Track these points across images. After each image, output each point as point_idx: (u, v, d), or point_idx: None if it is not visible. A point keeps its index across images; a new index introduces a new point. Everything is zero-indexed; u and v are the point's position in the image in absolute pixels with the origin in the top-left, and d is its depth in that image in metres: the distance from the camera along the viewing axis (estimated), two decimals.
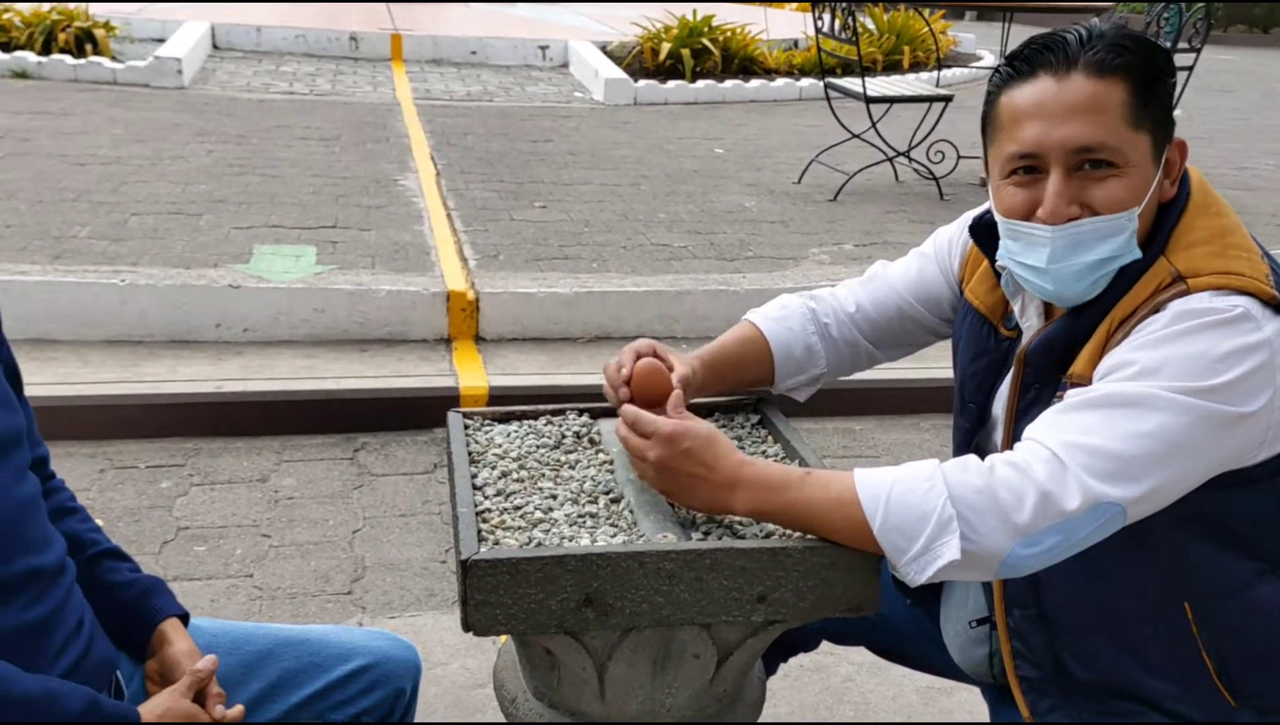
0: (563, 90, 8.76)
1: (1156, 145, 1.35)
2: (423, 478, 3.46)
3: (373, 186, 5.56)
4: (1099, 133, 1.31)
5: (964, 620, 1.63)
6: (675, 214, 5.48)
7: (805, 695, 2.56)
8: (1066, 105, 1.32)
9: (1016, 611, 1.49)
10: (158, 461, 3.44)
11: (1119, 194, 1.33)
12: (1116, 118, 1.31)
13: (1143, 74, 1.32)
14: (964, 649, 1.64)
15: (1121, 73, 1.32)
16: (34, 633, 1.37)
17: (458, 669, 2.59)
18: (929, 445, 3.81)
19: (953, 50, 11.36)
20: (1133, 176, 1.33)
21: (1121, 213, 1.33)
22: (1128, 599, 1.42)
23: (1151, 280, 1.33)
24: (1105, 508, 1.23)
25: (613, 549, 1.27)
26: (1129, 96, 1.32)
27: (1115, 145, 1.32)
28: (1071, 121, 1.32)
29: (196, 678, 1.45)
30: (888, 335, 1.74)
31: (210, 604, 2.78)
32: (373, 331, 4.13)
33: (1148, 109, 1.33)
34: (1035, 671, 1.50)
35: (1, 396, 1.42)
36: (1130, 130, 1.32)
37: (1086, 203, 1.34)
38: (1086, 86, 1.31)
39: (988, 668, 1.61)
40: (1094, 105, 1.31)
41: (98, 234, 4.48)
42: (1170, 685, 1.43)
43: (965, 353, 1.61)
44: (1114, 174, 1.33)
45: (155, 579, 1.60)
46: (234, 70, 8.46)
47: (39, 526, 1.43)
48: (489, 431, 1.62)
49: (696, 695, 1.41)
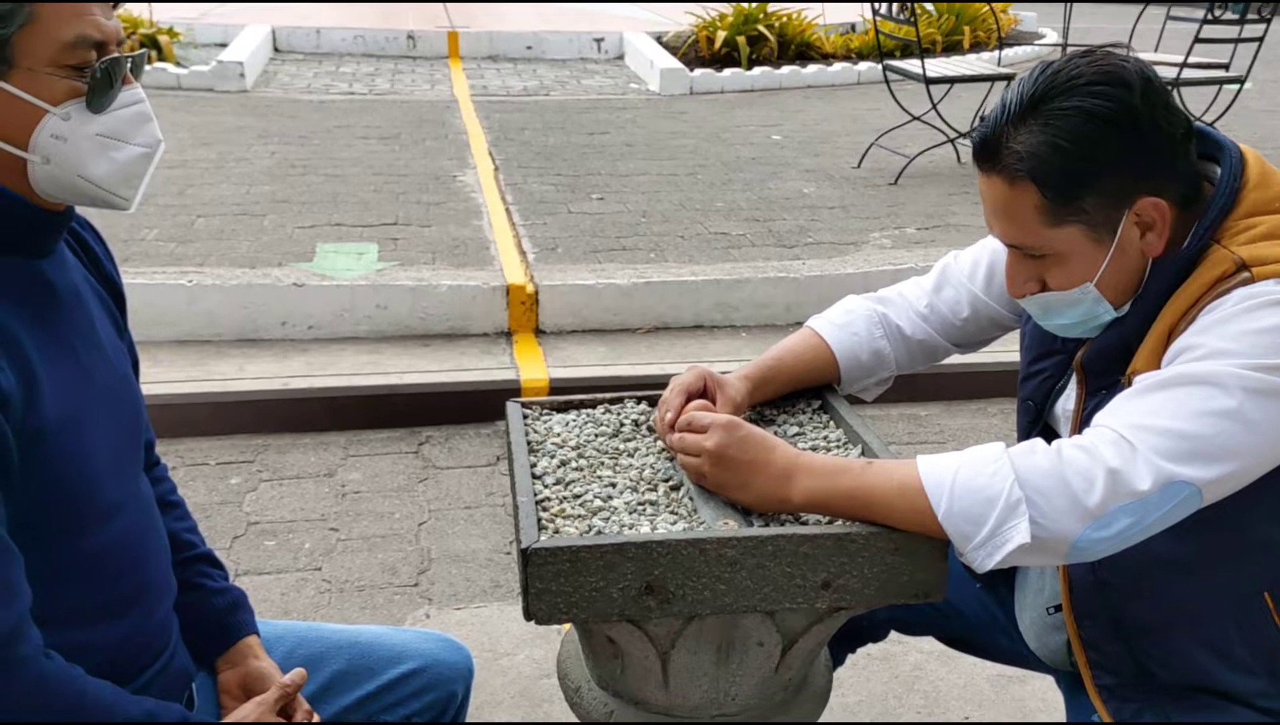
0: (618, 82, 8.76)
1: (1098, 225, 1.31)
2: (486, 470, 3.48)
3: (432, 183, 5.60)
4: (1019, 234, 1.34)
5: (1040, 607, 1.59)
6: (733, 202, 5.45)
7: (874, 684, 2.53)
8: (991, 205, 1.35)
9: (1087, 622, 1.46)
10: (227, 458, 3.50)
11: (1061, 277, 1.35)
12: (1030, 221, 1.32)
13: (1057, 175, 1.27)
14: (1040, 636, 1.61)
15: (1030, 178, 1.29)
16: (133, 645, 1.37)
17: (524, 659, 2.60)
18: (997, 430, 3.75)
19: (1014, 29, 11.16)
20: (1069, 262, 1.34)
21: (1074, 288, 1.35)
22: (1205, 595, 1.38)
23: (1211, 270, 1.29)
24: (1178, 488, 1.19)
25: (673, 536, 1.26)
26: (1040, 199, 1.29)
27: (1034, 244, 1.34)
28: (997, 220, 1.36)
29: (284, 691, 1.44)
30: (962, 333, 1.69)
31: (280, 598, 2.82)
32: (434, 326, 4.16)
33: (1071, 203, 1.29)
34: (1114, 679, 1.46)
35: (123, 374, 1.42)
36: (1047, 228, 1.31)
37: (1040, 278, 1.37)
38: (1001, 191, 1.33)
39: (1065, 656, 1.57)
40: (1009, 210, 1.33)
41: (165, 236, 4.57)
42: (1258, 682, 1.39)
43: (1028, 352, 1.58)
44: (1055, 261, 1.34)
45: (242, 592, 1.59)
46: (295, 72, 8.57)
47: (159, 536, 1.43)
48: (548, 421, 1.61)
49: (762, 683, 1.40)
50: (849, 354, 1.65)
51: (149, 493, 1.45)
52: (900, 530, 1.28)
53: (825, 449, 1.54)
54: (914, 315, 1.68)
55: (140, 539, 1.38)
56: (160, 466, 1.60)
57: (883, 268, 4.39)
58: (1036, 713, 2.45)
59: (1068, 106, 1.26)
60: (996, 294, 1.64)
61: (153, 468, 1.56)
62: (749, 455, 1.31)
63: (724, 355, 4.06)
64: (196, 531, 1.60)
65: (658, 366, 3.95)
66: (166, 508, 1.55)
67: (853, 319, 1.68)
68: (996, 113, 1.32)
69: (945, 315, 1.68)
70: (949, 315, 1.67)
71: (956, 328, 1.68)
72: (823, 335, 1.66)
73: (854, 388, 1.70)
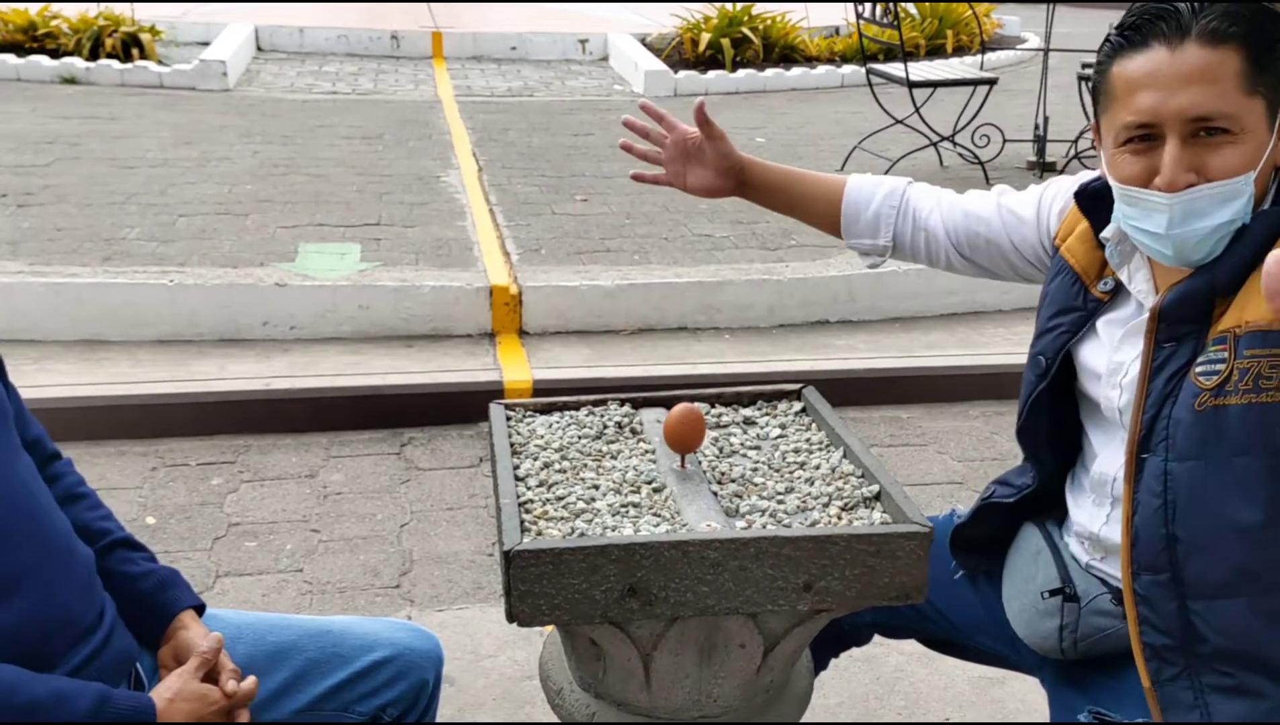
0: (603, 83, 8.76)
1: (1271, 110, 1.35)
2: (469, 471, 3.47)
3: (416, 184, 5.59)
4: (1214, 101, 1.33)
5: (1033, 593, 1.60)
6: (717, 204, 5.45)
7: (855, 685, 2.54)
8: (1181, 74, 1.34)
9: (1146, 576, 1.43)
10: (208, 459, 3.48)
11: (1233, 161, 1.35)
12: (1231, 86, 1.33)
13: (1257, 40, 1.32)
14: (1031, 623, 1.60)
15: (1235, 40, 1.32)
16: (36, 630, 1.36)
17: (506, 661, 2.60)
18: (978, 432, 3.77)
19: (997, 33, 11.20)
20: (1248, 142, 1.34)
21: (1238, 177, 1.35)
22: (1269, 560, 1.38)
23: None
24: None
25: (656, 538, 1.26)
26: (1243, 64, 1.32)
27: (1231, 112, 1.33)
28: (1187, 90, 1.33)
29: (204, 658, 1.45)
30: (970, 245, 1.74)
31: (262, 599, 2.81)
32: (417, 327, 4.15)
33: (1263, 75, 1.33)
34: (1162, 638, 1.44)
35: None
36: (1245, 97, 1.33)
37: (1202, 170, 1.36)
38: (1201, 55, 1.33)
39: (1056, 641, 1.58)
40: (1209, 74, 1.33)
41: (147, 235, 4.55)
42: None
43: (1049, 307, 1.59)
44: (1229, 141, 1.34)
45: (171, 570, 1.59)
46: (278, 71, 8.54)
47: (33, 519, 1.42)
48: (531, 422, 1.61)
49: (744, 685, 1.40)
50: (854, 202, 1.77)
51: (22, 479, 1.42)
52: (882, 534, 1.29)
53: (808, 450, 1.54)
54: (934, 199, 1.75)
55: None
56: (63, 460, 1.60)
57: (865, 271, 4.39)
58: (1016, 714, 2.46)
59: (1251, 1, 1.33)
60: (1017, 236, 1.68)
61: (51, 461, 1.56)
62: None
63: (707, 357, 4.07)
64: (111, 518, 1.60)
65: (641, 368, 3.96)
66: (74, 500, 1.56)
67: (881, 181, 1.79)
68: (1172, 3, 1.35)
69: (972, 217, 1.72)
70: (973, 216, 1.72)
71: (968, 234, 1.72)
72: (847, 181, 1.79)
73: (852, 242, 1.81)
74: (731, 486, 1.44)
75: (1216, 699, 1.40)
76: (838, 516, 1.37)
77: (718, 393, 1.70)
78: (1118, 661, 1.55)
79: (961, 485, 3.43)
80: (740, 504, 1.39)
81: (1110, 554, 1.54)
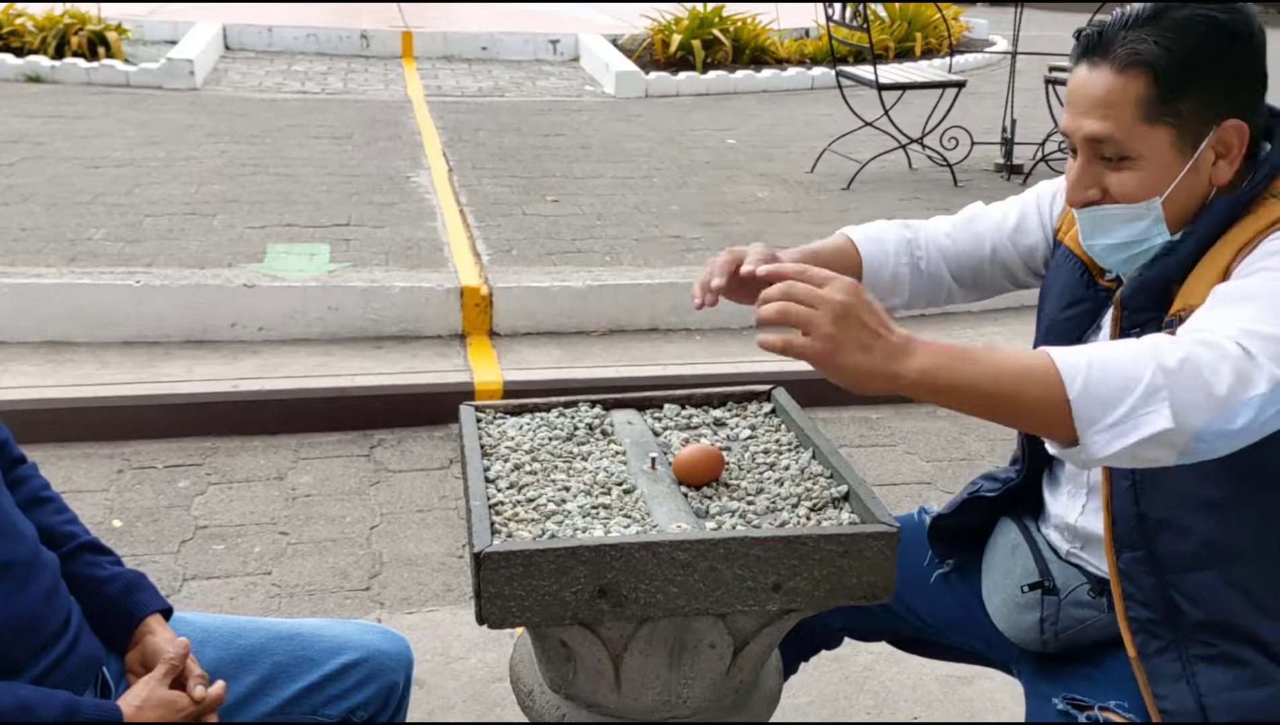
0: (574, 84, 8.75)
1: (1182, 137, 1.36)
2: (439, 473, 3.46)
3: (385, 184, 5.56)
4: (1108, 128, 1.36)
5: (1013, 587, 1.62)
6: (688, 205, 5.46)
7: (825, 684, 2.55)
8: (1088, 96, 1.37)
9: (1126, 554, 1.47)
10: (175, 461, 3.45)
11: (1129, 185, 1.38)
12: (1128, 114, 1.34)
13: (1169, 68, 1.32)
14: (1012, 616, 1.63)
15: (1144, 67, 1.33)
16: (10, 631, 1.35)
17: (476, 663, 2.59)
18: (947, 432, 3.79)
19: (965, 36, 11.28)
20: (1147, 170, 1.36)
21: (1138, 202, 1.37)
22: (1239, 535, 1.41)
23: (1261, 219, 1.35)
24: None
25: (626, 539, 1.27)
26: (1148, 91, 1.33)
27: (1123, 140, 1.36)
28: (1090, 114, 1.37)
29: (171, 664, 1.44)
30: (973, 276, 1.74)
31: (230, 602, 2.79)
32: (387, 328, 4.13)
33: (1171, 103, 1.34)
34: (1146, 612, 1.47)
35: None
36: (1143, 125, 1.34)
37: (1105, 188, 1.39)
38: (1107, 80, 1.35)
39: (1037, 634, 1.60)
40: (1108, 100, 1.35)
41: (113, 236, 4.50)
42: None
43: (1059, 300, 1.60)
44: (1128, 166, 1.37)
45: (137, 574, 1.58)
46: (246, 70, 8.48)
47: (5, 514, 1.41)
48: (501, 424, 1.61)
49: (713, 686, 1.41)
50: (875, 268, 1.72)
51: None
52: (850, 533, 1.29)
53: (777, 451, 1.55)
54: (934, 248, 1.74)
55: None
56: (27, 464, 1.59)
57: None
58: (984, 713, 2.48)
59: (1191, 14, 1.33)
60: (1020, 242, 1.70)
61: (16, 465, 1.55)
62: (875, 319, 1.24)
63: (678, 358, 4.08)
64: (77, 522, 1.59)
65: (612, 369, 3.96)
66: (39, 504, 1.55)
67: (885, 238, 1.74)
68: (1115, 16, 1.37)
69: (964, 252, 1.73)
70: (968, 253, 1.73)
71: (972, 265, 1.73)
72: (856, 244, 1.73)
73: None
74: (702, 488, 1.45)
75: (1203, 668, 1.44)
76: (806, 517, 1.37)
77: (688, 394, 1.71)
78: (1097, 650, 1.58)
79: (930, 485, 3.45)
80: (710, 505, 1.40)
81: (1089, 543, 1.57)
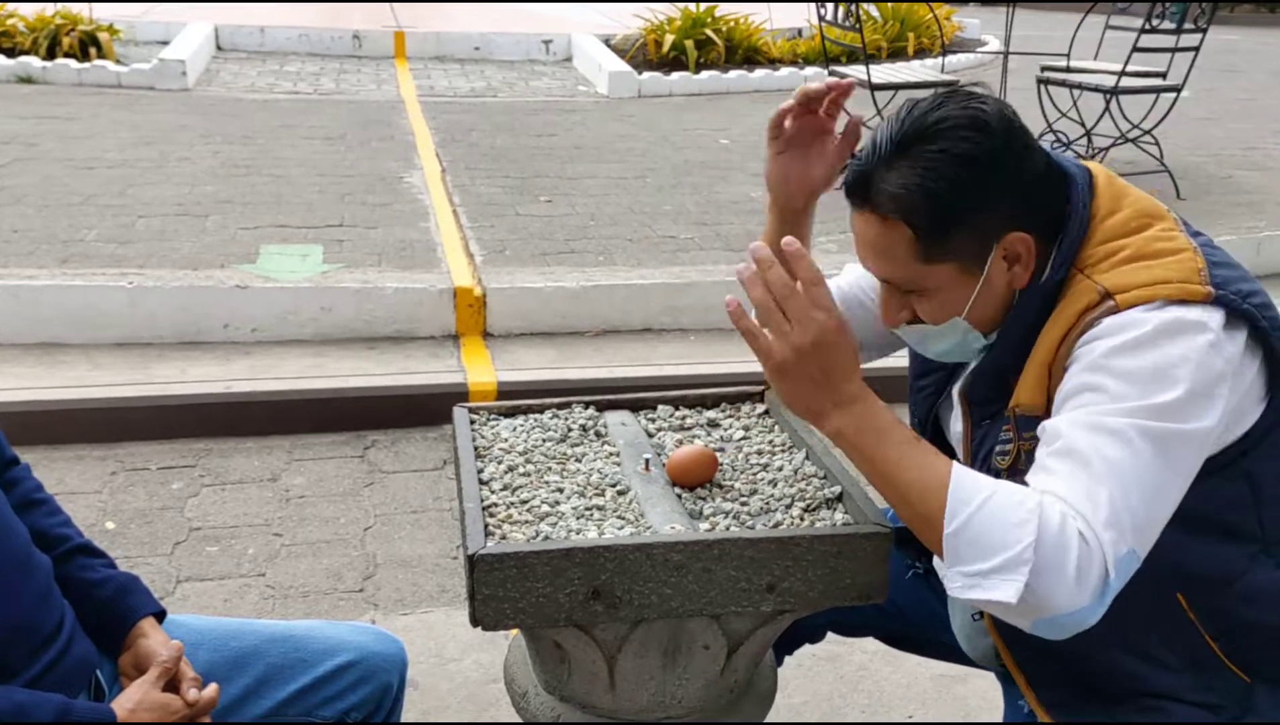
0: (566, 84, 8.75)
1: (965, 265, 1.34)
2: (433, 474, 3.46)
3: (378, 184, 5.56)
4: (891, 269, 1.38)
5: (966, 613, 1.62)
6: (681, 206, 5.47)
7: (819, 684, 2.56)
8: (864, 241, 1.39)
9: (1017, 648, 1.49)
10: (169, 463, 3.44)
11: (931, 311, 1.40)
12: (904, 257, 1.35)
13: (932, 213, 1.30)
14: (970, 639, 1.64)
15: (902, 218, 1.32)
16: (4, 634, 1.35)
17: (471, 664, 2.59)
18: None
19: (957, 36, 11.30)
20: (940, 296, 1.38)
21: (943, 323, 1.40)
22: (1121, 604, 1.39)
23: (1078, 300, 1.31)
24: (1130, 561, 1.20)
25: (620, 541, 1.27)
26: (914, 237, 1.32)
27: (907, 278, 1.37)
28: (869, 256, 1.40)
29: (164, 667, 1.44)
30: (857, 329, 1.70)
31: (224, 604, 2.78)
32: (380, 329, 4.13)
33: (943, 241, 1.32)
34: (1056, 695, 1.49)
35: None
36: (921, 264, 1.34)
37: (913, 310, 1.41)
38: (875, 228, 1.36)
39: (994, 659, 1.60)
40: (881, 246, 1.36)
41: (105, 237, 4.49)
42: (1185, 678, 1.43)
43: (913, 369, 1.62)
44: (924, 296, 1.38)
45: (130, 576, 1.58)
46: (238, 71, 8.47)
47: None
48: (495, 426, 1.61)
49: (708, 686, 1.41)
50: None
51: None
52: (843, 534, 1.30)
53: (770, 452, 1.55)
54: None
55: None
56: (20, 465, 1.58)
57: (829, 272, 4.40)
58: (978, 711, 2.49)
59: (935, 150, 1.30)
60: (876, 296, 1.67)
61: (9, 467, 1.55)
62: (840, 362, 1.25)
63: (672, 358, 4.08)
64: (70, 524, 1.59)
65: (606, 370, 3.96)
66: (32, 506, 1.54)
67: None
68: (868, 153, 1.35)
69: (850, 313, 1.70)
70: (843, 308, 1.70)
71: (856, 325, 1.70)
72: None
73: None
74: (695, 489, 1.45)
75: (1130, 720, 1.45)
76: (800, 518, 1.38)
77: (682, 395, 1.71)
78: None
79: None
80: (704, 506, 1.40)
81: None
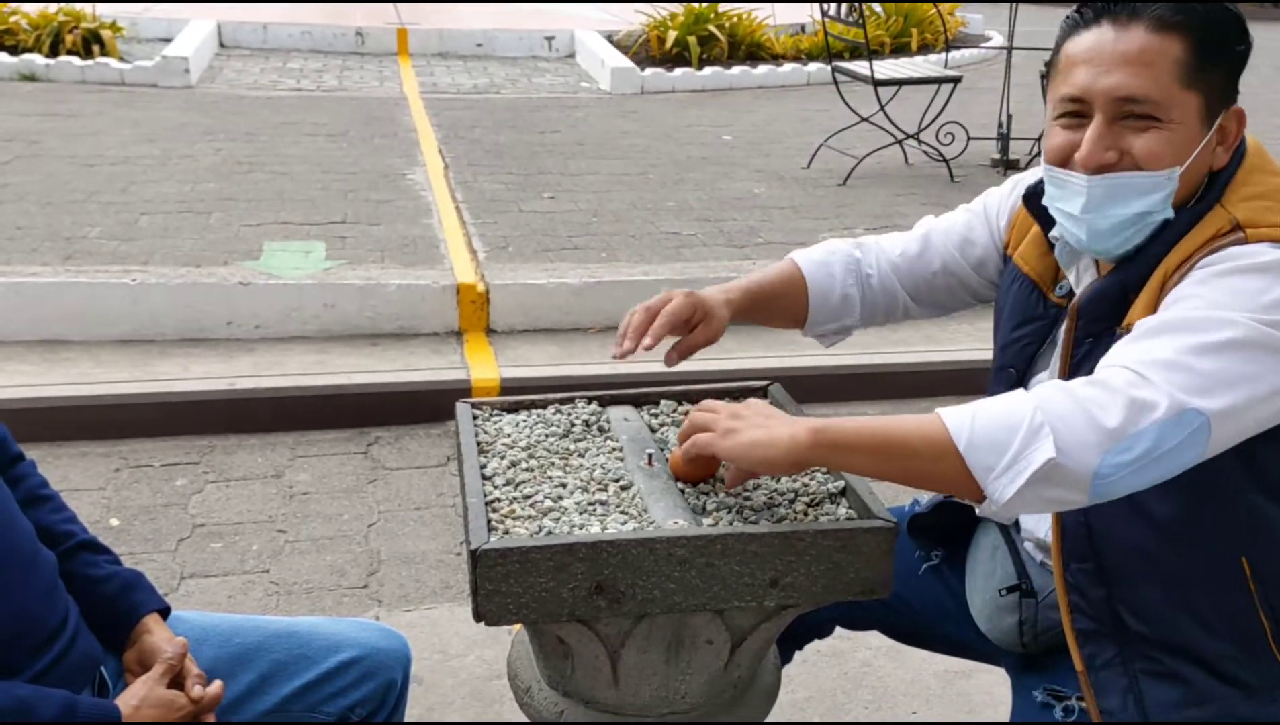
0: (569, 81, 8.75)
1: (1209, 108, 1.35)
2: (436, 470, 3.46)
3: (381, 181, 5.56)
4: (1146, 85, 1.32)
5: (993, 589, 1.62)
6: (684, 202, 5.46)
7: (823, 680, 2.55)
8: (1119, 54, 1.33)
9: (1074, 564, 1.47)
10: (172, 459, 3.45)
11: (1158, 147, 1.34)
12: (1166, 73, 1.32)
13: (1205, 34, 1.33)
14: (993, 618, 1.63)
15: (1182, 30, 1.32)
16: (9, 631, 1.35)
17: (474, 660, 2.59)
18: None
19: (961, 31, 11.29)
20: (1175, 133, 1.33)
21: (1161, 171, 1.34)
22: (1184, 552, 1.40)
23: (1208, 228, 1.33)
24: (1191, 416, 1.20)
25: (623, 536, 1.26)
26: (1185, 54, 1.32)
27: (1159, 100, 1.33)
28: (1121, 70, 1.33)
29: (169, 664, 1.45)
30: (928, 291, 1.73)
31: (228, 600, 2.79)
32: (383, 326, 4.13)
33: (1203, 71, 1.33)
34: (1091, 624, 1.47)
35: None
36: (1179, 88, 1.32)
37: (1126, 150, 1.35)
38: (1142, 38, 1.33)
39: (1017, 636, 1.60)
40: (1145, 57, 1.32)
41: (108, 234, 4.49)
42: (1226, 646, 1.41)
43: (1010, 318, 1.59)
44: (1155, 127, 1.34)
45: (135, 573, 1.58)
46: (241, 68, 8.47)
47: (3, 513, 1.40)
48: (498, 421, 1.61)
49: (711, 681, 1.41)
50: (820, 293, 1.71)
51: None
52: (847, 528, 1.29)
53: None
54: (885, 264, 1.73)
55: None
56: (25, 462, 1.58)
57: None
58: (982, 707, 2.49)
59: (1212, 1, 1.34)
60: (969, 253, 1.68)
61: (14, 463, 1.55)
62: (770, 411, 1.33)
63: None
64: (75, 521, 1.59)
65: (609, 366, 3.95)
66: (37, 502, 1.54)
67: (832, 261, 1.73)
68: None
69: (915, 268, 1.71)
70: (919, 268, 1.71)
71: (925, 282, 1.72)
72: (802, 270, 1.71)
73: (817, 329, 1.75)
74: (699, 484, 1.45)
75: (1148, 684, 1.43)
76: (804, 512, 1.37)
77: (685, 390, 1.71)
78: None
79: None
80: (707, 501, 1.40)
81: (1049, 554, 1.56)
